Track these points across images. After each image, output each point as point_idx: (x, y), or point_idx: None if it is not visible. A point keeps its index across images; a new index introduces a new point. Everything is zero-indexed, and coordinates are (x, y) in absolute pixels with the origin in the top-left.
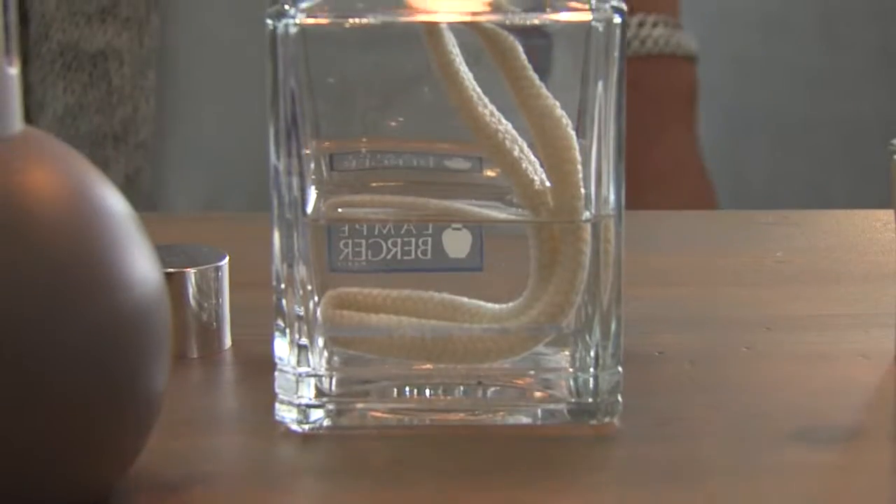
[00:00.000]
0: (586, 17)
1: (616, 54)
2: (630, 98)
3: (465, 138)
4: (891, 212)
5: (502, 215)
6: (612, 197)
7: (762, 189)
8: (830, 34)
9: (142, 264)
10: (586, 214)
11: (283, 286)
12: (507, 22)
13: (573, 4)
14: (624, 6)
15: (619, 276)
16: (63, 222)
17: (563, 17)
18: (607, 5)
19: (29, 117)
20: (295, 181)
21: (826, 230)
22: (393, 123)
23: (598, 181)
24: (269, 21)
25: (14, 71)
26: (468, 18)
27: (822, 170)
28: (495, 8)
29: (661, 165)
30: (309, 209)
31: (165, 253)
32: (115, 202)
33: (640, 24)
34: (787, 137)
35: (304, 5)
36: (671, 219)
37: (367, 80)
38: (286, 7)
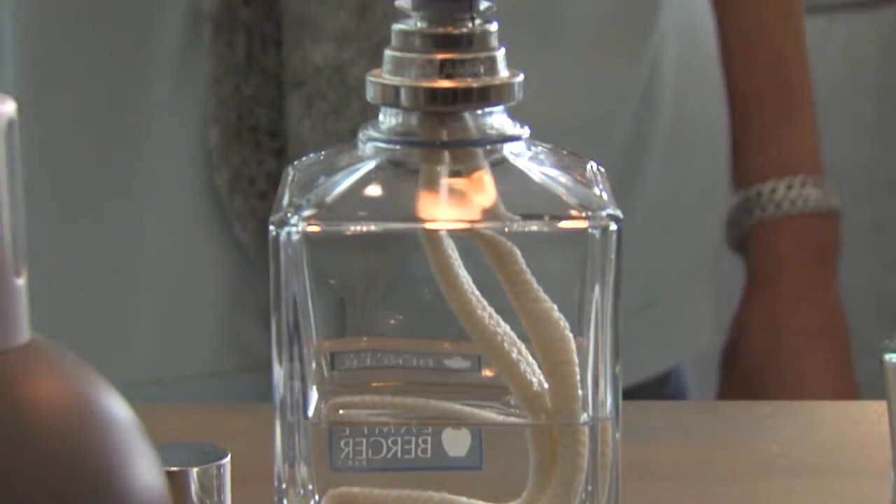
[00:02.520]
0: (583, 224)
1: (612, 258)
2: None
3: (463, 337)
4: (884, 403)
5: (500, 418)
6: (609, 400)
7: None
8: None
9: (145, 472)
10: (584, 417)
11: (284, 486)
12: (506, 230)
13: (571, 212)
14: (619, 214)
15: (617, 479)
16: (67, 433)
17: (561, 224)
18: (604, 212)
19: None
20: (297, 384)
21: (822, 422)
22: (392, 321)
23: (596, 384)
24: (272, 228)
25: (21, 281)
26: (467, 226)
27: None
28: (494, 216)
29: (815, 322)
30: (310, 411)
31: (168, 452)
32: (119, 410)
33: (789, 187)
34: None
35: (305, 213)
36: (669, 409)
37: (367, 280)
38: (288, 215)
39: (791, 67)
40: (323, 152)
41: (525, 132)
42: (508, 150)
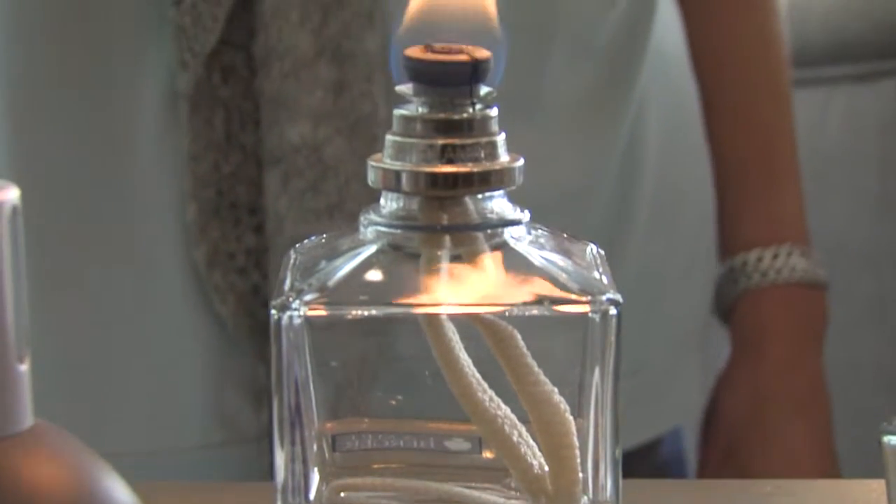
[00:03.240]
0: (584, 308)
1: (612, 341)
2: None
3: (464, 418)
4: (883, 482)
5: (501, 500)
6: (609, 483)
7: None
8: None
9: None
10: (584, 500)
11: None
12: (507, 314)
13: (571, 296)
14: (619, 298)
15: None
16: None
17: (562, 308)
18: (604, 297)
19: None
20: (298, 467)
21: (821, 500)
22: (393, 403)
23: (596, 467)
24: (273, 312)
25: (25, 367)
26: (468, 310)
27: None
28: (494, 300)
29: (798, 392)
30: (312, 494)
31: None
32: (121, 495)
33: (775, 256)
34: None
35: (307, 297)
36: (669, 487)
37: (368, 362)
38: (290, 299)
39: (777, 137)
40: (325, 235)
41: (525, 216)
42: (509, 234)
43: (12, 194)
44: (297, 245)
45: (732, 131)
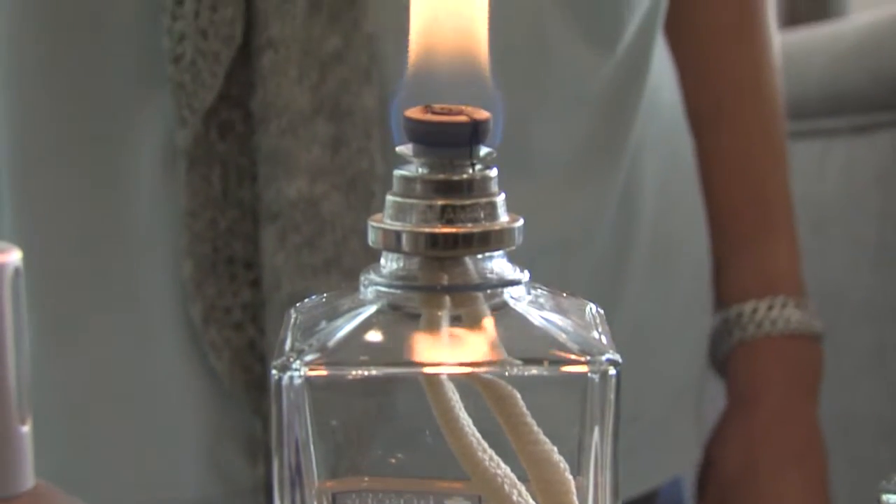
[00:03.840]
0: (583, 368)
1: (612, 400)
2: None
3: (464, 477)
4: None
5: None
6: None
7: None
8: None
9: None
10: None
11: None
12: (507, 374)
13: (571, 357)
14: (619, 358)
15: None
16: None
17: (561, 369)
18: (604, 357)
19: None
20: None
21: None
22: (393, 461)
23: None
24: (274, 372)
25: (26, 429)
26: (469, 370)
27: None
28: (494, 360)
29: (793, 444)
30: None
31: None
32: None
33: (770, 307)
34: None
35: (308, 358)
36: None
37: (368, 422)
38: (291, 359)
39: (771, 187)
40: (325, 295)
41: (525, 276)
42: (509, 294)
43: (14, 256)
44: (298, 304)
45: (727, 182)
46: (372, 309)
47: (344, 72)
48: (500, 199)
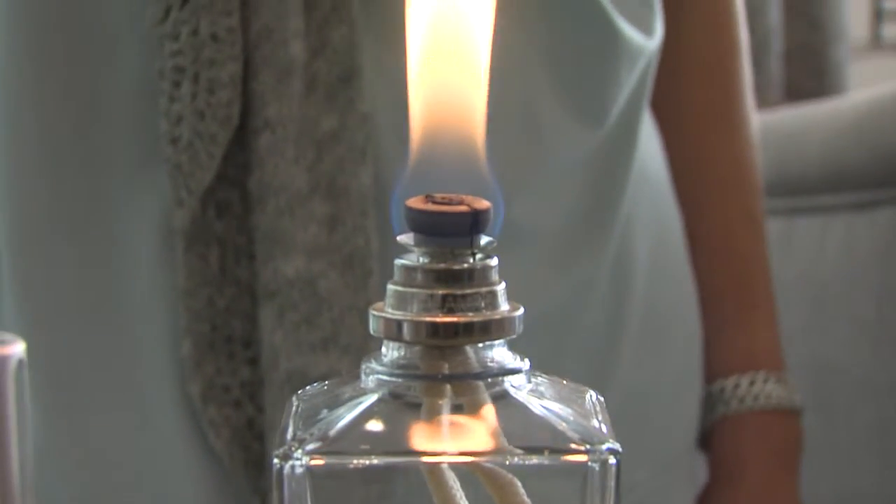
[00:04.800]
0: (583, 458)
1: (612, 488)
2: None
3: None
4: None
5: None
6: None
7: None
8: (824, 406)
9: None
10: None
11: None
12: (507, 462)
13: (571, 446)
14: (619, 448)
15: None
16: None
17: (562, 458)
18: (604, 447)
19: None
20: None
21: None
22: None
23: None
24: (276, 461)
25: None
26: (470, 459)
27: None
28: (495, 449)
29: None
30: None
31: None
32: None
33: (752, 383)
34: None
35: (309, 447)
36: None
37: None
38: (292, 449)
39: (752, 264)
40: (327, 382)
41: (525, 364)
42: (509, 382)
43: (18, 348)
44: (300, 392)
45: (710, 263)
46: (373, 398)
47: (340, 151)
48: (501, 288)
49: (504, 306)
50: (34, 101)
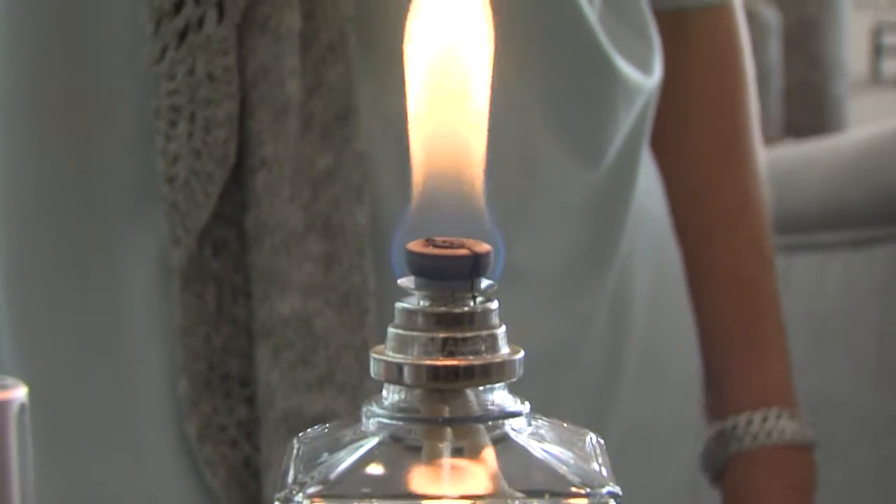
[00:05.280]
0: (583, 501)
1: None
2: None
3: None
4: None
5: None
6: None
7: None
8: (823, 442)
9: None
10: None
11: None
12: None
13: (571, 489)
14: (619, 491)
15: None
16: None
17: (562, 502)
18: (604, 490)
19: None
20: None
21: None
22: None
23: None
24: None
25: None
26: (470, 503)
27: None
28: (496, 493)
29: None
30: None
31: None
32: None
33: (765, 419)
34: None
35: (310, 490)
36: None
37: None
38: (293, 492)
39: (762, 299)
40: (327, 426)
41: (526, 408)
42: (510, 425)
43: (20, 393)
44: (301, 434)
45: (719, 299)
46: (373, 441)
47: (336, 190)
48: (501, 331)
49: (504, 349)
50: (32, 142)
